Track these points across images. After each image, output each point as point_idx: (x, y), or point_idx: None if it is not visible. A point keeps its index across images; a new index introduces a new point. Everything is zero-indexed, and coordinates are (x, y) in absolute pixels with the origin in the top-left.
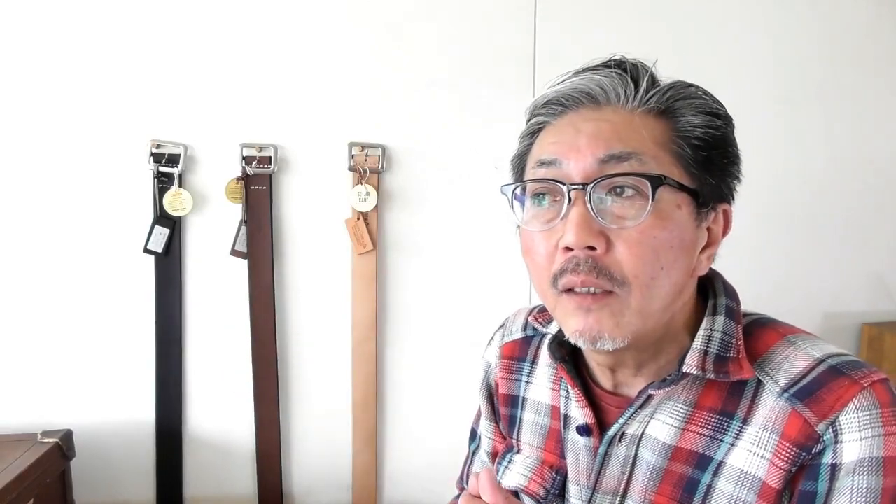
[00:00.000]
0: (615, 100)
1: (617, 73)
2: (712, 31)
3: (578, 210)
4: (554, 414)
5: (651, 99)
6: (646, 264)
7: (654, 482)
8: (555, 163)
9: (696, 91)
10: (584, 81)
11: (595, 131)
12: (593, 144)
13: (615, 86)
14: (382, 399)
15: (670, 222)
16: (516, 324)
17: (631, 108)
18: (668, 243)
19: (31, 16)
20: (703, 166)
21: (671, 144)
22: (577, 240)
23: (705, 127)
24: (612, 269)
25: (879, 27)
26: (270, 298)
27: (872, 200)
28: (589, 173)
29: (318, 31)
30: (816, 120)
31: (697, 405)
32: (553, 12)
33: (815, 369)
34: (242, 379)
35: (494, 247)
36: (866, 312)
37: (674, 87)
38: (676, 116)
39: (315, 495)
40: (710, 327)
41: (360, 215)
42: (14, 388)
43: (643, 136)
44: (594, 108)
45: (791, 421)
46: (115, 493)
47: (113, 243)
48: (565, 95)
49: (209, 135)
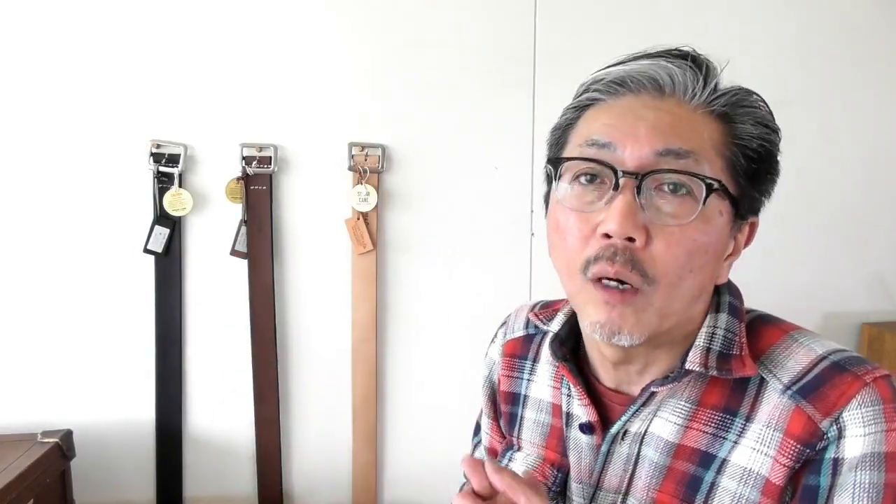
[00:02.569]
0: (681, 93)
1: (690, 65)
2: (713, 31)
3: (625, 199)
4: (555, 412)
5: (716, 101)
6: (678, 265)
7: (657, 480)
8: (608, 146)
9: (758, 101)
10: (653, 67)
11: (656, 121)
12: (652, 135)
13: (685, 79)
14: (382, 399)
15: (711, 227)
16: (518, 321)
17: (695, 105)
18: (704, 248)
19: (32, 16)
20: (751, 178)
21: (726, 150)
22: (620, 229)
23: (761, 139)
24: (646, 264)
25: (879, 27)
26: (270, 298)
27: (872, 201)
28: (643, 163)
29: (318, 31)
30: (816, 120)
31: (701, 403)
32: (553, 12)
33: (818, 366)
34: (242, 379)
35: (494, 247)
36: (866, 312)
37: (738, 93)
38: (735, 123)
39: (315, 495)
40: (714, 324)
41: (360, 215)
42: (14, 388)
43: (703, 136)
44: (657, 97)
45: (795, 418)
46: (115, 493)
47: (113, 243)
48: (631, 77)
49: (209, 135)
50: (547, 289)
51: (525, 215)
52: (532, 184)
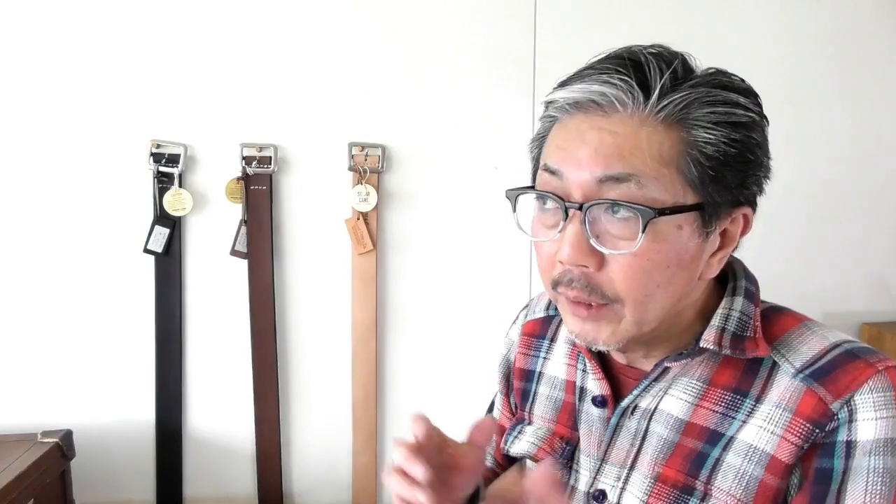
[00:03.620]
0: (623, 109)
1: (624, 79)
2: (713, 31)
3: (574, 229)
4: (569, 388)
5: (662, 110)
6: (639, 285)
7: (664, 455)
8: (557, 173)
9: (717, 95)
10: (594, 86)
11: (598, 144)
12: (592, 161)
13: (620, 95)
14: (382, 399)
15: (666, 244)
16: (540, 303)
17: (641, 120)
18: (663, 264)
19: (32, 16)
20: (714, 181)
21: (680, 159)
22: (570, 258)
23: (720, 142)
24: (604, 287)
25: (880, 27)
26: (270, 298)
27: (872, 200)
28: (586, 192)
29: (317, 31)
30: (817, 120)
31: (712, 382)
32: (553, 12)
33: (831, 352)
34: (242, 379)
35: (494, 247)
36: (866, 312)
37: (690, 95)
38: (689, 128)
39: (315, 495)
40: (729, 307)
41: (360, 215)
42: (14, 388)
43: (647, 154)
44: (603, 115)
45: (805, 399)
46: (115, 493)
47: (113, 243)
48: (577, 98)
49: (209, 135)
50: None
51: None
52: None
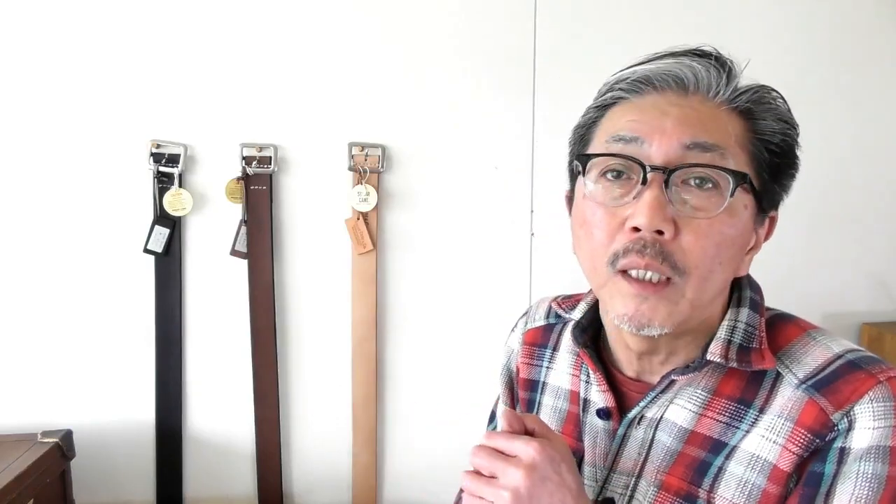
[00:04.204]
0: (704, 90)
1: (713, 64)
2: (713, 31)
3: (654, 193)
4: (573, 398)
5: (739, 97)
6: (707, 257)
7: (668, 463)
8: (636, 141)
9: (777, 97)
10: (677, 65)
11: (682, 117)
12: (679, 129)
13: (709, 76)
14: (382, 399)
15: (737, 220)
16: (539, 311)
17: (718, 102)
18: (731, 240)
19: (32, 16)
20: (773, 173)
21: (750, 146)
22: (649, 222)
23: (783, 134)
24: (675, 256)
25: (880, 27)
26: (270, 298)
27: (872, 200)
28: (671, 158)
29: (317, 31)
30: (816, 120)
31: (716, 392)
32: (553, 12)
33: (834, 363)
34: (242, 379)
35: (495, 247)
36: (866, 312)
37: (759, 90)
38: (757, 119)
39: (315, 495)
40: (735, 318)
41: (360, 215)
42: (14, 388)
43: (728, 131)
44: (681, 95)
45: (807, 409)
46: (115, 493)
47: (113, 243)
48: (656, 75)
49: (209, 135)
50: (547, 289)
51: (525, 215)
52: (532, 184)
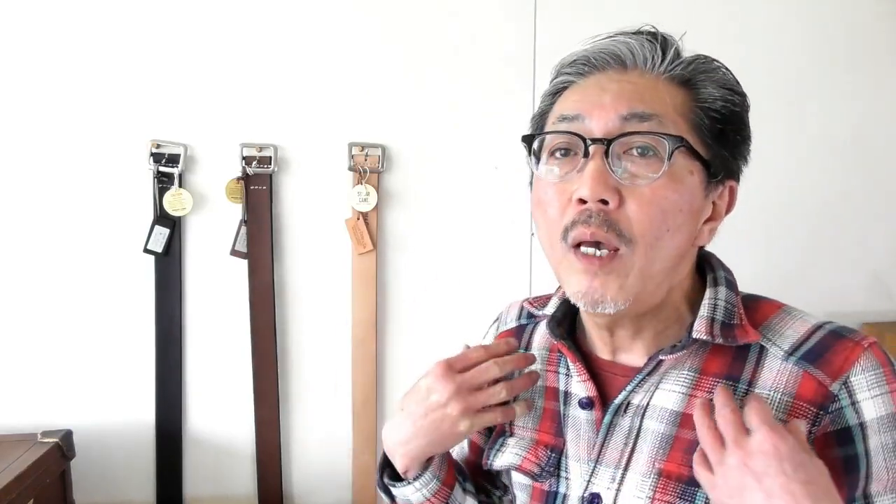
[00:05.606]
0: (642, 64)
1: (648, 38)
2: (712, 31)
3: (595, 164)
4: (549, 395)
5: (676, 68)
6: (654, 224)
7: (664, 450)
8: (577, 118)
9: (719, 66)
10: (613, 43)
11: (620, 91)
12: (617, 102)
13: (644, 50)
14: (382, 399)
15: (682, 186)
16: (510, 314)
17: (656, 74)
18: (677, 206)
19: (32, 16)
20: (718, 138)
21: (690, 113)
22: (592, 192)
23: (724, 101)
24: (621, 224)
25: (879, 27)
26: (270, 298)
27: (873, 200)
28: (610, 129)
29: (317, 31)
30: (817, 119)
31: (703, 371)
32: (553, 12)
33: (815, 334)
34: (242, 379)
35: (494, 246)
36: (866, 312)
37: (697, 60)
38: (697, 87)
39: (315, 495)
40: (714, 297)
41: (360, 215)
42: (14, 388)
43: (665, 100)
44: (620, 71)
45: (805, 383)
46: (115, 493)
47: (113, 243)
48: (594, 55)
49: (209, 135)
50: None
51: (525, 215)
52: (532, 183)
